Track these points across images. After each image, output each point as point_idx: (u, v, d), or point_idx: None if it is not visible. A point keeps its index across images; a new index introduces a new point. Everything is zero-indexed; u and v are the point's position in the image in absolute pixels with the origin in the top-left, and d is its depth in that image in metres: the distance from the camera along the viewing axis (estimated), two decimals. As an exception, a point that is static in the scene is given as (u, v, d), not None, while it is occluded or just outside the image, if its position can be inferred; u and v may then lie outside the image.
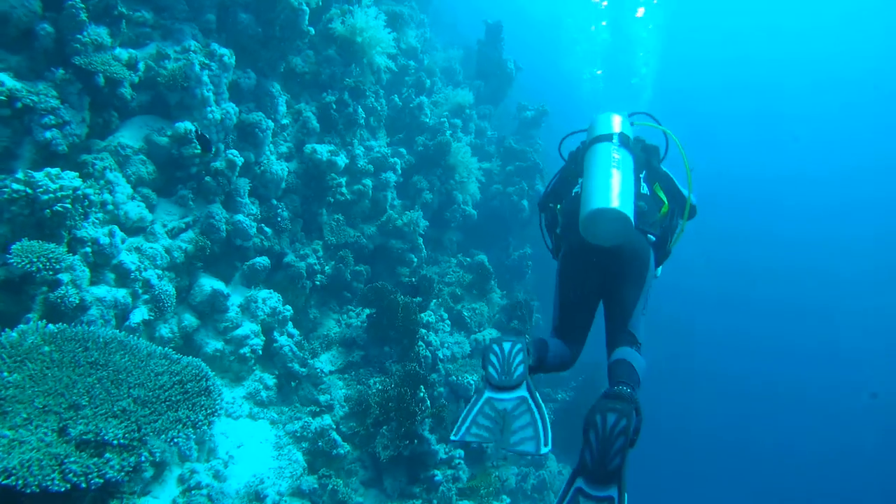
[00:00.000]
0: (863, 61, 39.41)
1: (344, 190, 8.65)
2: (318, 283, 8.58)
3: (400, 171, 9.84)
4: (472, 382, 8.86)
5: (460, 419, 2.86)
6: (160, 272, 6.30)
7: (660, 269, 3.69)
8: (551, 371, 3.24)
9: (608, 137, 3.44)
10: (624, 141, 3.43)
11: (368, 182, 9.28)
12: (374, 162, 9.49)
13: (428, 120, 10.61)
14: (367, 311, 8.66)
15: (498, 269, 14.01)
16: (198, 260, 6.83)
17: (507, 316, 10.24)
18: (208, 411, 4.19)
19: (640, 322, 3.24)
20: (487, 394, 2.82)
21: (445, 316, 9.93)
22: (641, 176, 3.63)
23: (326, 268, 8.80)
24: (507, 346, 2.85)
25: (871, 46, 38.39)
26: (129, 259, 5.97)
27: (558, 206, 3.87)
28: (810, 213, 39.86)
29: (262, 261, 7.47)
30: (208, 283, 6.97)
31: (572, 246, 3.49)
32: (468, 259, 11.80)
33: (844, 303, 35.70)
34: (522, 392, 2.80)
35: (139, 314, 5.96)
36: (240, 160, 7.05)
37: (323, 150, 7.98)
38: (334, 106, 8.32)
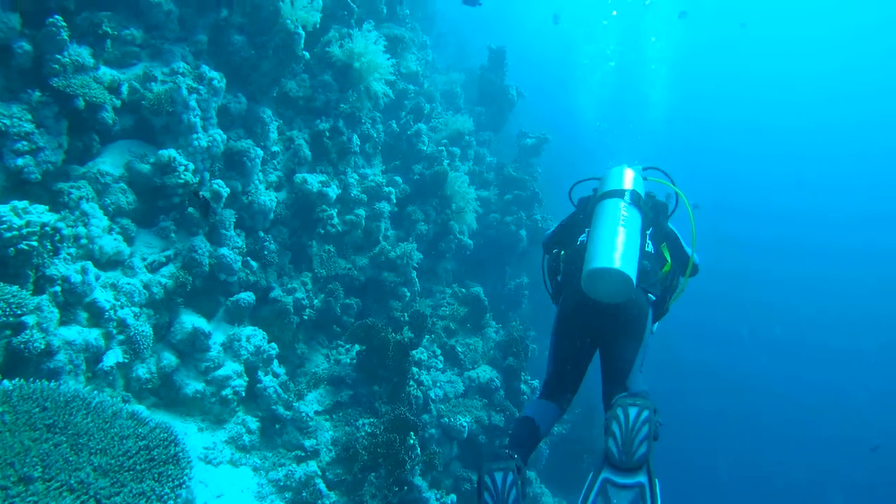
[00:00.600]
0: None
1: (335, 221, 8.27)
2: (306, 317, 8.17)
3: (395, 201, 9.48)
4: (464, 424, 8.45)
5: None
6: (137, 310, 5.89)
7: (656, 325, 3.66)
8: None
9: (619, 194, 3.46)
10: (635, 199, 3.45)
11: (361, 212, 8.91)
12: (367, 191, 9.14)
13: (425, 148, 10.28)
14: (357, 347, 8.25)
15: (493, 299, 13.65)
16: (178, 295, 6.43)
17: (502, 353, 9.84)
18: (175, 483, 3.77)
19: (639, 379, 3.21)
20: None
21: (438, 352, 9.54)
22: (648, 233, 3.63)
23: (315, 301, 8.41)
24: (498, 477, 2.80)
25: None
26: (103, 297, 5.56)
27: (562, 253, 3.89)
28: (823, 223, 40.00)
29: (247, 297, 7.07)
30: (189, 321, 6.56)
31: (572, 297, 3.50)
32: (463, 290, 11.43)
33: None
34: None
35: (113, 356, 5.54)
36: (225, 191, 6.67)
37: (313, 181, 7.61)
38: (327, 134, 7.97)
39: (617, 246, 3.17)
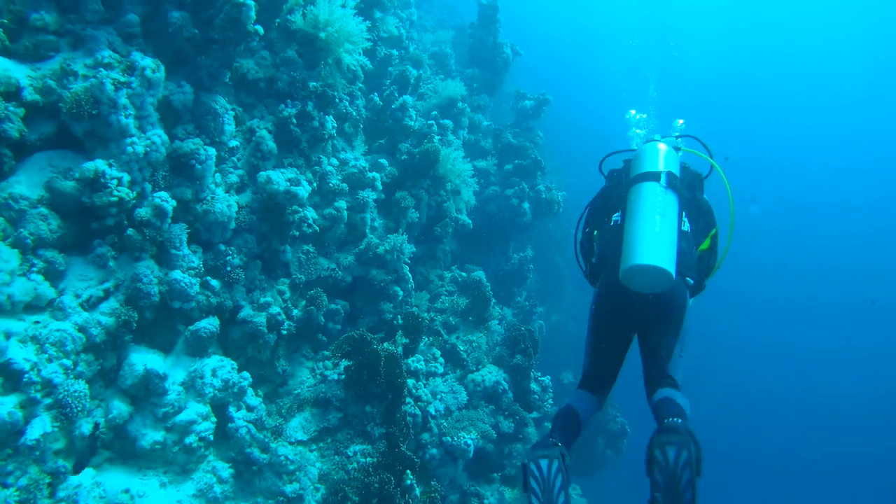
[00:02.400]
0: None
1: (312, 219, 7.19)
2: (284, 332, 7.19)
3: (381, 187, 8.36)
4: (469, 442, 7.57)
5: None
6: (69, 362, 4.90)
7: (692, 300, 3.50)
8: None
9: (654, 176, 3.34)
10: (671, 182, 3.32)
11: (342, 204, 7.81)
12: (349, 179, 8.01)
13: (413, 123, 9.07)
14: (345, 362, 7.30)
15: (497, 277, 12.71)
16: (125, 332, 5.43)
17: (509, 350, 8.90)
18: None
19: (679, 365, 3.20)
20: None
21: (438, 354, 8.59)
22: (684, 213, 3.44)
23: (295, 311, 7.41)
24: (544, 464, 2.78)
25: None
26: (20, 356, 4.57)
27: (595, 233, 3.76)
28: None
29: (209, 325, 6.07)
30: (141, 361, 5.58)
31: (609, 285, 3.41)
32: (463, 275, 10.42)
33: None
34: None
35: (39, 426, 4.59)
36: (170, 205, 5.58)
37: (280, 179, 6.49)
38: (294, 121, 6.79)
39: (655, 238, 3.10)
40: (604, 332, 3.46)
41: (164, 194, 5.59)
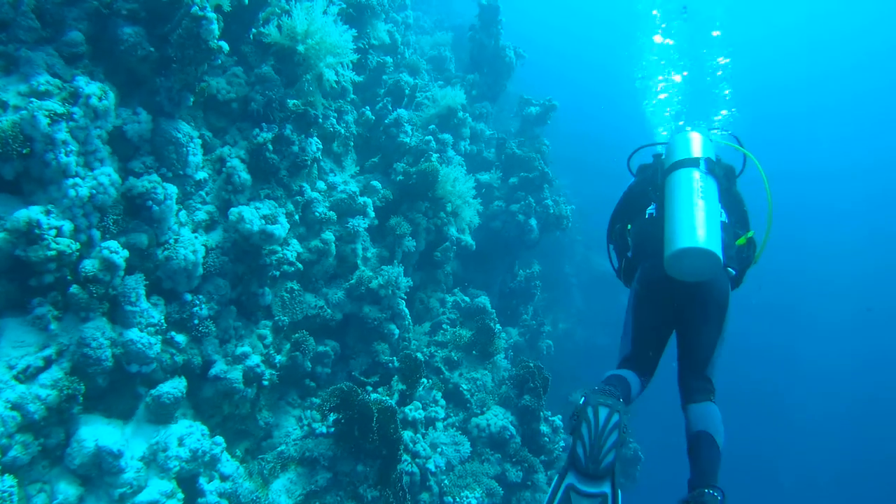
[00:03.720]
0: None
1: (292, 259, 6.39)
2: (266, 383, 6.40)
3: (373, 214, 7.55)
4: (473, 502, 6.77)
5: None
6: (-3, 449, 4.12)
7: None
8: None
9: (693, 162, 3.30)
10: (711, 168, 3.30)
11: (330, 236, 7.01)
12: (337, 206, 7.21)
13: (408, 139, 8.24)
14: (334, 415, 6.51)
15: (502, 294, 11.91)
16: (72, 405, 4.65)
17: (516, 389, 8.08)
18: None
19: (718, 364, 3.11)
20: (569, 479, 2.52)
21: (439, 396, 7.79)
22: (722, 203, 3.34)
23: (279, 357, 6.63)
24: (603, 413, 2.53)
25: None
26: (-72, 452, 3.79)
27: (628, 227, 3.68)
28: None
29: (173, 390, 5.27)
30: (91, 436, 4.80)
31: (650, 276, 3.34)
32: (466, 300, 9.62)
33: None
34: (605, 488, 2.48)
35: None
36: (121, 256, 4.78)
37: (253, 217, 5.67)
38: (270, 147, 5.97)
39: (698, 221, 3.03)
40: (644, 323, 3.33)
41: (114, 244, 4.78)
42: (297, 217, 6.50)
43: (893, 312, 32.05)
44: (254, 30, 6.57)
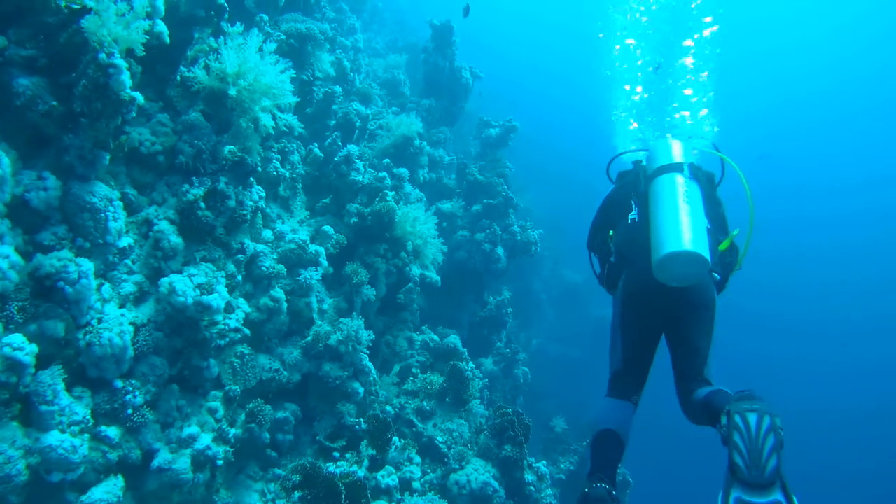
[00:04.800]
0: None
1: (237, 325, 5.72)
2: (221, 462, 5.70)
3: (326, 263, 6.92)
4: (459, 576, 6.16)
5: None
6: None
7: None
8: None
9: (676, 168, 3.31)
10: (694, 173, 3.33)
11: (280, 293, 6.36)
12: (286, 258, 6.56)
13: (360, 177, 7.63)
14: (298, 492, 5.84)
15: (472, 324, 11.36)
16: (-26, 532, 3.91)
17: (496, 438, 7.50)
18: None
19: (713, 367, 3.07)
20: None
21: (413, 453, 7.16)
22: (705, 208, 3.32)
23: (233, 430, 5.93)
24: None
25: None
26: None
27: (610, 233, 3.64)
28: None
29: (106, 496, 4.54)
30: (0, 566, 4.05)
31: (635, 282, 3.32)
32: (435, 338, 9.03)
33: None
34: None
35: None
36: (28, 353, 4.06)
37: (186, 288, 4.99)
38: (202, 204, 5.31)
39: (684, 225, 3.03)
40: (632, 331, 3.29)
41: (17, 338, 4.06)
42: (239, 278, 5.83)
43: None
44: (183, 68, 5.91)
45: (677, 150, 3.42)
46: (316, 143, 7.87)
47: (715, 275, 3.24)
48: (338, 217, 7.63)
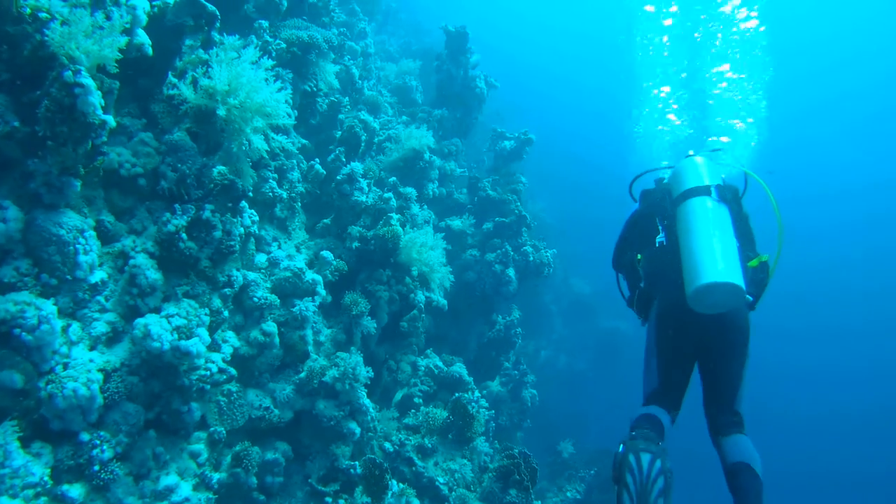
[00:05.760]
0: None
1: (222, 366, 5.22)
2: (202, 512, 5.21)
3: (325, 293, 6.41)
4: None
5: None
6: None
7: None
8: None
9: (705, 191, 3.24)
10: (723, 195, 3.25)
11: (272, 326, 5.86)
12: (280, 287, 6.07)
13: (364, 198, 7.10)
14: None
15: (480, 345, 10.84)
16: None
17: (500, 481, 6.98)
18: None
19: (745, 395, 3.05)
20: None
21: (412, 498, 6.63)
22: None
23: (217, 476, 5.45)
24: (645, 459, 2.51)
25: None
26: None
27: (638, 256, 3.61)
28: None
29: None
30: None
31: (669, 309, 3.28)
32: (440, 365, 8.52)
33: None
34: None
35: None
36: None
37: (163, 332, 4.48)
38: (184, 236, 4.80)
39: (718, 254, 2.99)
40: (670, 359, 3.26)
41: (-39, 395, 3.58)
42: (226, 313, 5.31)
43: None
44: (174, 79, 5.38)
45: (704, 171, 3.35)
46: (318, 159, 7.35)
47: (748, 297, 3.15)
48: (339, 239, 7.12)
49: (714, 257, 2.98)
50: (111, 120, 4.13)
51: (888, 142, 37.61)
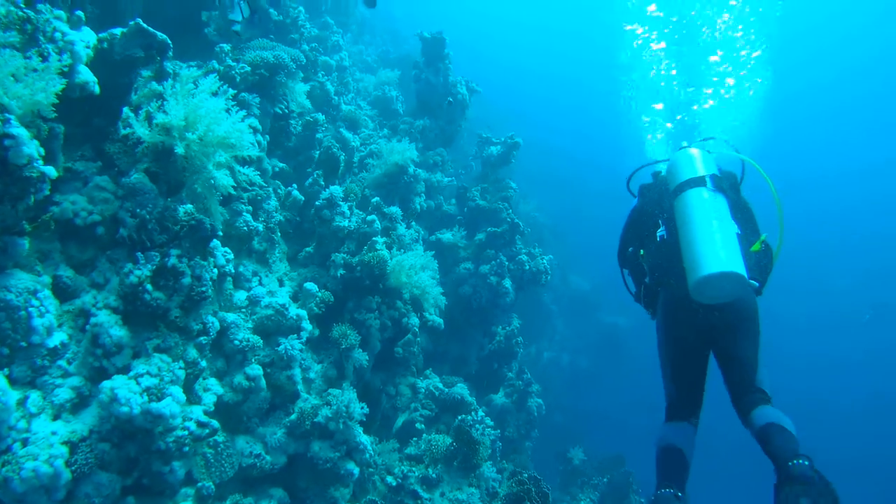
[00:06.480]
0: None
1: (203, 421, 4.85)
2: (188, 579, 4.84)
3: (311, 327, 6.05)
4: None
5: None
6: None
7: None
8: None
9: (700, 182, 3.27)
10: (718, 184, 3.27)
11: (257, 370, 5.50)
12: (262, 326, 5.70)
13: (346, 223, 6.73)
14: None
15: (480, 358, 10.51)
16: None
17: (512, 510, 6.62)
18: None
19: (765, 374, 3.03)
20: None
21: (419, 536, 6.29)
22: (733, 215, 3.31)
23: (204, 535, 5.07)
24: None
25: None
26: None
27: (641, 252, 3.60)
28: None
29: None
30: None
31: (675, 302, 3.27)
32: (440, 387, 8.17)
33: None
34: None
35: None
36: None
37: (131, 395, 4.11)
38: (149, 287, 4.43)
39: (717, 244, 3.00)
40: (682, 354, 3.25)
41: None
42: (203, 363, 4.93)
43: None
44: (130, 114, 5.00)
45: (699, 162, 3.37)
46: (295, 185, 6.98)
47: (753, 282, 3.13)
48: (322, 268, 6.76)
49: (714, 248, 3.00)
50: (52, 171, 3.75)
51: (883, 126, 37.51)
